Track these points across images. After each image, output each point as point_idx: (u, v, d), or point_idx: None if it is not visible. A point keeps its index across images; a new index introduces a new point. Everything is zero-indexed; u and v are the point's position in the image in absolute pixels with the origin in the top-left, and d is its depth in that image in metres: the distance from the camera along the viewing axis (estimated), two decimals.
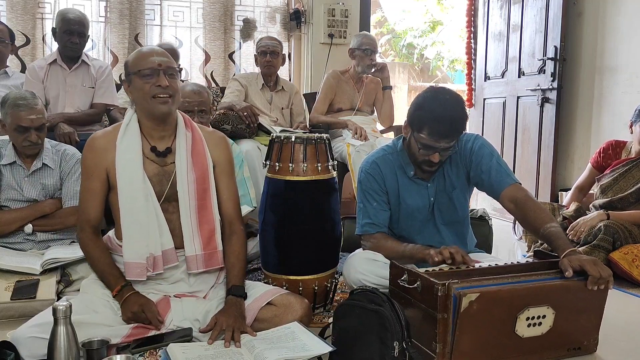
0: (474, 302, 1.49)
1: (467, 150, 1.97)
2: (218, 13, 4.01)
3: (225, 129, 2.94)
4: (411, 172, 2.00)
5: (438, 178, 2.01)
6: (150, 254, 1.70)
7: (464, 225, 2.09)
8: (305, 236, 1.99)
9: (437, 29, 11.59)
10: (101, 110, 3.14)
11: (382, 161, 2.04)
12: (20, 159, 2.34)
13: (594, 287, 1.58)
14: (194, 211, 1.76)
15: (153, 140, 1.77)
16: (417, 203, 2.01)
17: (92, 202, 1.76)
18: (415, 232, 2.04)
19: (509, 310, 1.56)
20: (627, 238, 2.56)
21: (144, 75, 1.69)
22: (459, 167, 1.99)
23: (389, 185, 2.02)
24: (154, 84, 1.69)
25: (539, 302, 1.58)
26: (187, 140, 1.79)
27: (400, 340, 1.44)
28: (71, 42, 2.99)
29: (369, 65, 3.50)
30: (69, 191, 2.39)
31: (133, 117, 1.78)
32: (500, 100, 4.30)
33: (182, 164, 1.76)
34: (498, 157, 1.96)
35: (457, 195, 2.01)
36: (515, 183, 1.91)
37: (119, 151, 1.72)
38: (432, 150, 1.86)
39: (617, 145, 2.93)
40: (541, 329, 1.61)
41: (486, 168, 1.92)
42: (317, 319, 2.01)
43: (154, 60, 1.70)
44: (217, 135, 1.92)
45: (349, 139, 3.23)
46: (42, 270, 2.09)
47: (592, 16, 3.70)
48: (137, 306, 1.64)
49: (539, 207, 1.87)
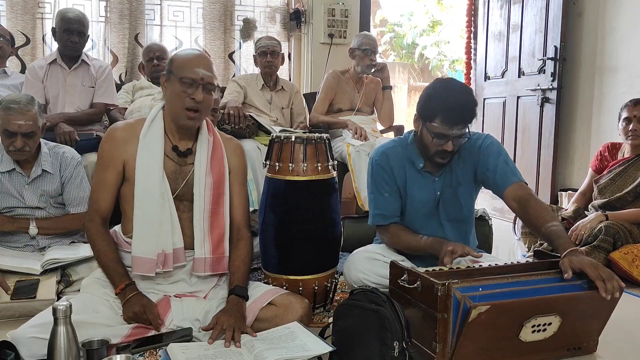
0: (483, 314, 1.48)
1: (476, 148, 1.98)
2: (218, 13, 4.01)
3: (226, 129, 2.94)
4: (420, 164, 2.00)
5: (445, 173, 2.01)
6: (162, 250, 1.71)
7: (468, 224, 2.09)
8: (305, 236, 1.99)
9: (437, 28, 11.60)
10: (101, 110, 3.13)
11: (391, 152, 2.05)
12: (19, 166, 2.30)
13: (608, 296, 1.53)
14: (207, 215, 1.77)
15: (175, 139, 1.79)
16: (423, 196, 2.01)
17: (104, 193, 1.75)
18: (419, 227, 2.04)
19: (516, 319, 1.55)
20: (628, 238, 2.56)
21: (184, 83, 1.70)
22: (466, 164, 2.00)
23: (397, 175, 2.03)
24: (190, 95, 1.69)
25: (548, 311, 1.57)
26: (209, 144, 1.81)
27: (400, 340, 1.44)
28: (71, 42, 2.99)
29: (369, 66, 3.50)
30: (72, 197, 2.38)
31: (159, 113, 1.79)
32: (500, 100, 4.30)
33: (201, 166, 1.77)
34: (506, 156, 1.97)
35: (462, 192, 2.01)
36: (520, 182, 1.91)
37: (141, 145, 1.73)
38: (445, 138, 1.87)
39: (613, 147, 2.97)
40: (545, 334, 1.60)
41: (492, 166, 1.93)
42: (317, 319, 2.01)
43: (198, 72, 1.70)
44: (234, 143, 1.93)
45: (349, 139, 3.23)
46: (42, 271, 2.09)
47: (592, 16, 3.70)
48: (138, 306, 1.64)
49: (542, 206, 1.87)
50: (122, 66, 3.81)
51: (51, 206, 2.36)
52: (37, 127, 2.25)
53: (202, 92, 1.70)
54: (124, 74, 3.81)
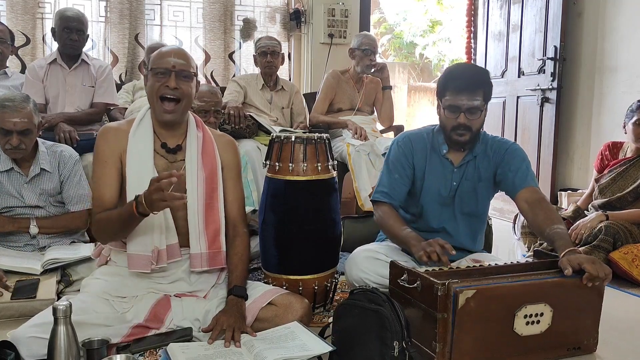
0: (471, 299, 1.50)
1: (503, 150, 2.03)
2: (218, 13, 4.01)
3: (226, 129, 2.94)
4: (444, 150, 2.03)
5: (467, 166, 2.03)
6: (155, 247, 1.71)
7: (480, 222, 2.11)
8: (305, 236, 1.99)
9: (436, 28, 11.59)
10: (101, 109, 3.13)
11: (416, 137, 2.09)
12: (17, 165, 2.30)
13: (589, 284, 1.60)
14: (202, 210, 1.77)
15: (163, 136, 1.79)
16: (440, 184, 2.03)
17: (106, 188, 1.72)
18: (433, 214, 2.06)
19: (507, 307, 1.57)
20: (628, 238, 2.56)
21: (157, 73, 1.71)
22: (490, 162, 2.03)
23: (417, 161, 2.06)
24: (164, 84, 1.70)
25: (536, 299, 1.59)
26: (198, 140, 1.81)
27: (400, 340, 1.44)
28: (70, 40, 2.99)
29: (369, 66, 3.50)
30: (71, 195, 2.38)
31: (147, 112, 1.80)
32: (500, 100, 4.30)
33: (192, 162, 1.77)
34: (529, 163, 2.03)
35: (481, 188, 2.04)
36: (536, 187, 1.96)
37: (130, 143, 1.73)
38: (456, 110, 1.91)
39: (614, 146, 2.96)
40: (540, 327, 1.61)
41: (515, 167, 1.98)
42: (317, 318, 2.01)
43: (169, 61, 1.70)
44: (226, 139, 1.93)
45: (349, 139, 3.23)
46: (42, 271, 2.09)
47: (592, 16, 3.70)
48: (146, 192, 1.53)
49: (551, 209, 1.91)
50: (122, 66, 3.81)
51: (51, 205, 2.36)
52: (33, 124, 2.25)
53: (176, 79, 1.70)
54: (124, 74, 3.81)
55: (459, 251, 1.91)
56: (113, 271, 1.79)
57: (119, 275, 1.77)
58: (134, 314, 1.69)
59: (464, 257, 2.04)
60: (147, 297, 1.75)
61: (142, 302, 1.73)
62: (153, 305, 1.72)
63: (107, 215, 1.67)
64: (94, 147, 1.78)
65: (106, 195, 1.72)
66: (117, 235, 1.71)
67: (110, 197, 1.72)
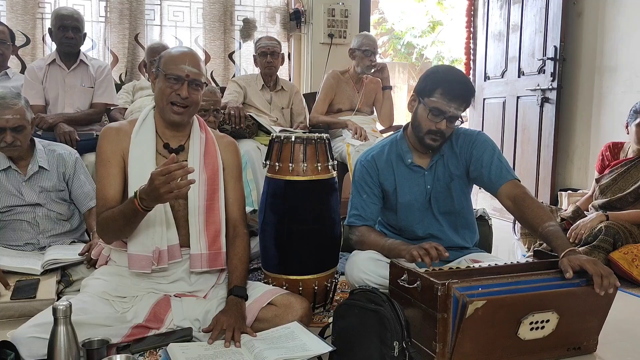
0: (480, 309, 1.48)
1: (469, 143, 1.99)
2: (218, 13, 4.01)
3: (226, 129, 2.94)
4: (409, 159, 2.02)
5: (437, 166, 2.02)
6: (156, 247, 1.71)
7: (461, 217, 2.08)
8: (305, 236, 1.99)
9: (437, 28, 11.59)
10: (101, 110, 3.13)
11: (378, 155, 2.07)
12: (15, 164, 2.30)
13: (602, 292, 1.54)
14: (202, 210, 1.77)
15: (166, 137, 1.79)
16: (414, 192, 2.03)
17: (111, 186, 1.72)
18: (416, 222, 2.05)
19: (514, 315, 1.55)
20: (628, 238, 2.56)
21: (169, 79, 1.71)
22: (459, 159, 2.01)
23: (384, 178, 2.05)
24: (175, 92, 1.70)
25: (544, 307, 1.57)
26: (201, 141, 1.81)
27: (400, 340, 1.44)
28: (66, 38, 2.98)
29: (369, 66, 3.50)
30: (81, 195, 2.40)
31: (150, 112, 1.80)
32: (500, 100, 4.30)
33: (194, 163, 1.77)
34: (499, 153, 1.98)
35: (455, 185, 2.02)
36: (514, 179, 1.92)
37: (132, 144, 1.74)
38: (441, 115, 1.88)
39: (614, 146, 2.95)
40: (543, 332, 1.60)
41: (487, 163, 1.94)
42: (317, 319, 2.01)
43: (183, 69, 1.71)
44: (228, 140, 1.94)
45: (348, 139, 3.23)
46: (42, 271, 2.09)
47: (592, 16, 3.70)
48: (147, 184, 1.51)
49: (538, 205, 1.87)
50: (122, 66, 3.81)
51: (52, 202, 2.36)
52: (26, 120, 2.25)
53: (188, 88, 1.71)
54: (124, 74, 3.81)
55: (451, 250, 1.90)
56: (113, 271, 1.79)
57: (119, 275, 1.77)
58: (134, 314, 1.69)
59: (462, 257, 2.04)
60: (147, 297, 1.75)
61: (142, 302, 1.73)
62: (153, 305, 1.72)
63: (109, 213, 1.66)
64: (97, 147, 1.78)
65: (109, 195, 1.72)
66: (121, 233, 1.71)
67: (113, 197, 1.72)
